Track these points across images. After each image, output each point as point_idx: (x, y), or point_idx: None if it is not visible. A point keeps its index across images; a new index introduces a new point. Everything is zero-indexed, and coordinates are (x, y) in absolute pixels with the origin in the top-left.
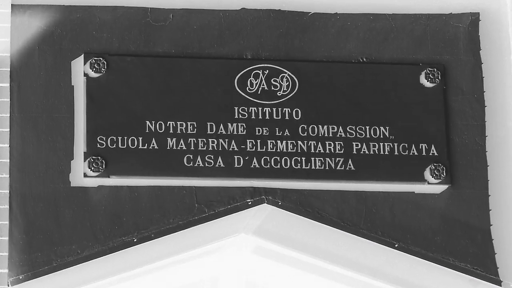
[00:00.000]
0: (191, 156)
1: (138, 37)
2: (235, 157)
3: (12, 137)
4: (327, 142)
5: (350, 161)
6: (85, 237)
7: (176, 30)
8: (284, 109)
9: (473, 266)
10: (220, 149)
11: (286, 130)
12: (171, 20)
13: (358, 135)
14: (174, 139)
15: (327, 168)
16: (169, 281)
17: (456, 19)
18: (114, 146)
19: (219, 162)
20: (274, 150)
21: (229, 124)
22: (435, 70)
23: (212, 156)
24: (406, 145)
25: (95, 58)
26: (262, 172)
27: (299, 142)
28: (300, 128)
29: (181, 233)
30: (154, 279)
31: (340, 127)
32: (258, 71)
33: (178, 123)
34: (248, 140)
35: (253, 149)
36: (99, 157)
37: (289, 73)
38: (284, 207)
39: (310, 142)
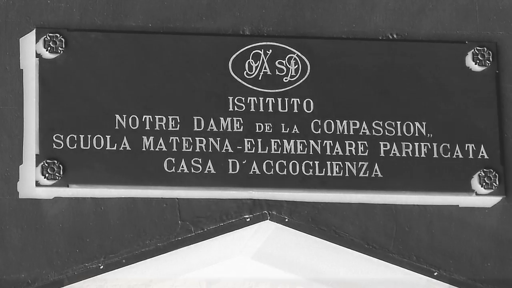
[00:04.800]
0: (173, 159)
1: (105, 8)
2: (230, 160)
3: None
4: (346, 142)
5: (376, 166)
6: (37, 263)
7: None
8: (292, 99)
9: None
10: (210, 150)
11: (295, 127)
12: None
13: (386, 133)
14: (151, 138)
15: (347, 175)
16: None
17: None
18: (75, 146)
19: (209, 168)
20: (279, 152)
21: (222, 118)
22: (485, 49)
23: (199, 160)
24: (448, 145)
25: (50, 35)
26: (263, 180)
27: (311, 142)
28: (312, 123)
29: (160, 258)
30: None
31: (364, 122)
32: (259, 51)
33: (157, 117)
34: (246, 139)
35: (253, 151)
36: (55, 161)
37: (299, 54)
38: (291, 224)
39: (325, 141)
